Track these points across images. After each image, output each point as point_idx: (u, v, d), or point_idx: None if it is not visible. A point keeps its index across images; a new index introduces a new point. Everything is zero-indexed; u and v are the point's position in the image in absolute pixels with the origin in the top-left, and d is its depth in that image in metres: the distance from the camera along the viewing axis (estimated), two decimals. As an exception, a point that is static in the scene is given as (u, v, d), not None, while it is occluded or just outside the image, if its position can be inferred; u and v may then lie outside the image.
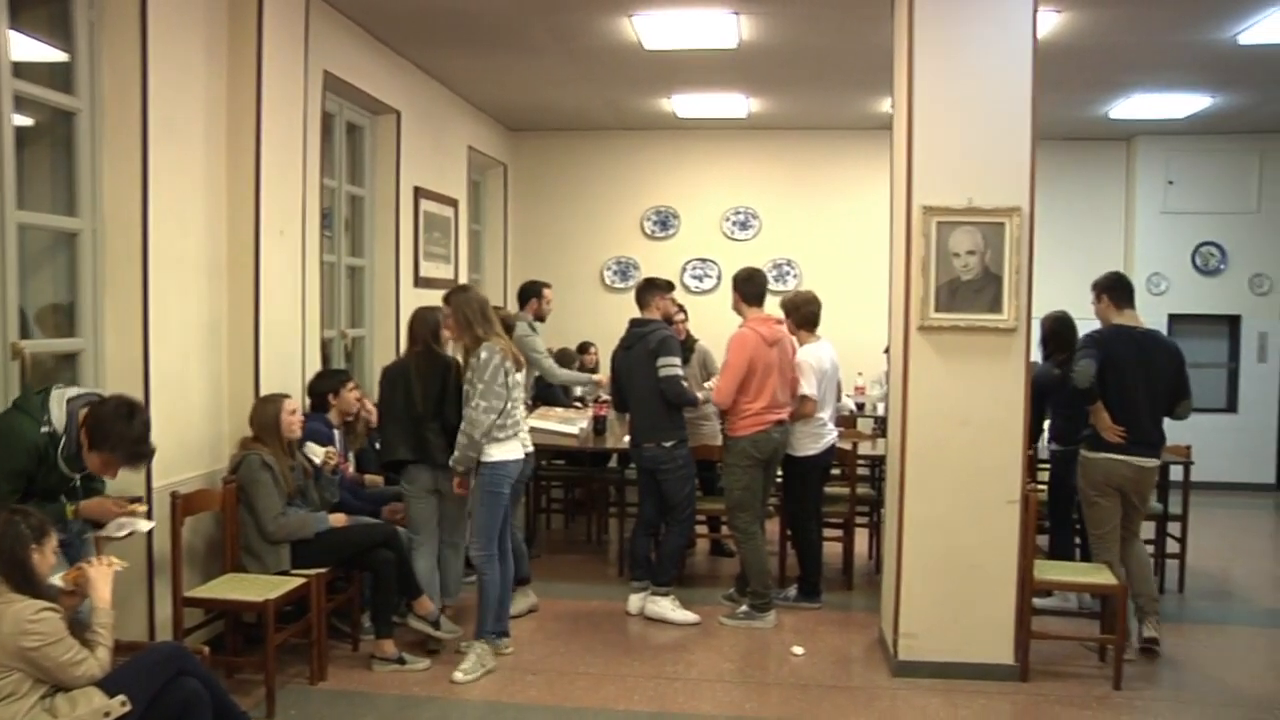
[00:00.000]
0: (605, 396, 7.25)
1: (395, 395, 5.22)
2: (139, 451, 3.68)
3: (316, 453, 5.10)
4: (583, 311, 9.73)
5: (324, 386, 5.60)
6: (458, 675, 4.86)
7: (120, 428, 3.58)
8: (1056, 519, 6.04)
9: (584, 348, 8.67)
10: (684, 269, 10.34)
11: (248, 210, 5.11)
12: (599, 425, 6.98)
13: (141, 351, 4.44)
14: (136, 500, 3.89)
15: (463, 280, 8.72)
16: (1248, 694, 4.91)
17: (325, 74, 6.10)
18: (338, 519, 5.06)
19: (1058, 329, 6.10)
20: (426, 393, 5.16)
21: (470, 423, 4.83)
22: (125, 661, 3.36)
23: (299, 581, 4.65)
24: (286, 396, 4.99)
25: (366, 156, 7.26)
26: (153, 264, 4.46)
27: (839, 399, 6.37)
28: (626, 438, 6.11)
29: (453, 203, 8.53)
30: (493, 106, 9.39)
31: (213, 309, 5.03)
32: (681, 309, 6.75)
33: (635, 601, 5.90)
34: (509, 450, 4.97)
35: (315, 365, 5.94)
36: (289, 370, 5.49)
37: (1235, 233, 10.11)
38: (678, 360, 5.79)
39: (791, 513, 6.23)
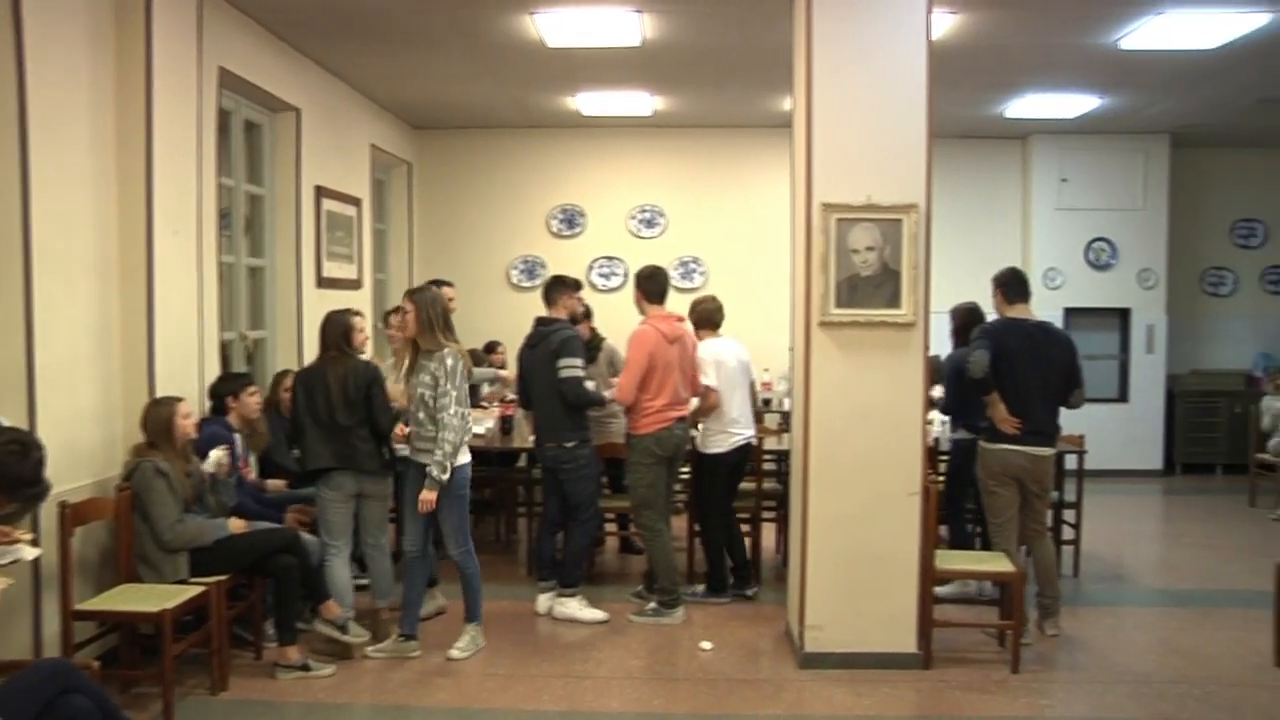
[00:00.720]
0: (512, 396, 7.22)
1: (313, 401, 5.14)
2: (32, 494, 3.42)
3: (211, 459, 4.98)
4: (489, 311, 9.65)
5: (224, 389, 5.48)
6: (454, 652, 5.13)
7: (11, 468, 3.29)
8: (952, 509, 6.18)
9: (491, 347, 8.60)
10: (591, 267, 10.33)
11: (139, 209, 4.97)
12: (506, 425, 6.94)
13: (25, 355, 4.28)
14: (21, 526, 3.71)
15: (366, 279, 8.60)
16: (1135, 671, 5.10)
17: (220, 70, 5.95)
18: (237, 525, 4.93)
19: (970, 320, 6.23)
20: (346, 399, 5.09)
21: (451, 429, 4.92)
22: (4, 681, 3.22)
23: (197, 590, 4.54)
24: (180, 400, 4.86)
25: (266, 155, 7.10)
26: (36, 265, 4.30)
27: (755, 399, 6.40)
28: (532, 437, 6.09)
29: (356, 202, 8.40)
30: (396, 104, 9.27)
31: (103, 311, 4.88)
32: (587, 309, 6.75)
33: (543, 601, 5.89)
34: (466, 453, 5.13)
35: (214, 368, 5.81)
36: (186, 373, 5.35)
37: (1124, 229, 10.47)
38: (579, 361, 5.76)
39: (700, 510, 6.27)
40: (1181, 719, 4.53)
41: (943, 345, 6.42)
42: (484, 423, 6.81)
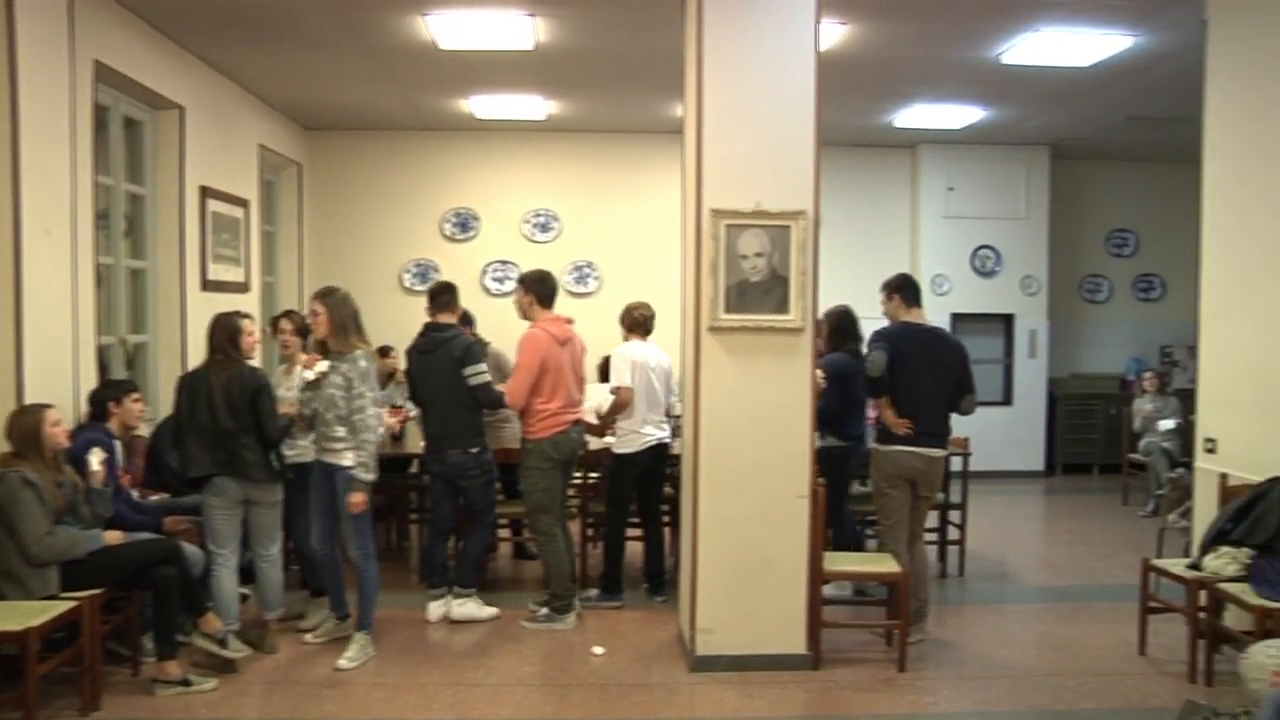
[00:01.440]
0: (401, 401, 7.16)
1: (196, 407, 4.99)
2: None
3: (91, 462, 4.80)
4: (381, 314, 9.37)
5: (106, 395, 5.31)
6: (342, 662, 5.05)
7: None
8: (834, 511, 6.27)
9: (384, 351, 8.45)
10: (484, 271, 10.26)
11: (5, 208, 4.77)
12: (397, 430, 6.83)
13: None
14: None
15: (254, 282, 8.40)
16: (1015, 665, 5.27)
17: (96, 64, 5.74)
18: (113, 536, 4.75)
19: (843, 323, 6.35)
20: (230, 405, 4.97)
21: (371, 430, 5.01)
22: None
23: (67, 606, 4.35)
24: (48, 407, 4.64)
25: (147, 153, 6.87)
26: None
27: (667, 403, 6.40)
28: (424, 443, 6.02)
29: (243, 203, 8.19)
30: (285, 104, 9.08)
31: (-34, 315, 4.67)
32: (467, 314, 6.69)
33: (435, 609, 5.82)
34: None
35: (90, 374, 5.59)
36: (58, 379, 5.16)
37: (1008, 237, 10.81)
38: (485, 366, 5.78)
39: (607, 510, 6.28)
40: (1055, 710, 4.68)
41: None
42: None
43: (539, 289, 5.87)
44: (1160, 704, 4.65)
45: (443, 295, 5.96)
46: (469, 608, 5.83)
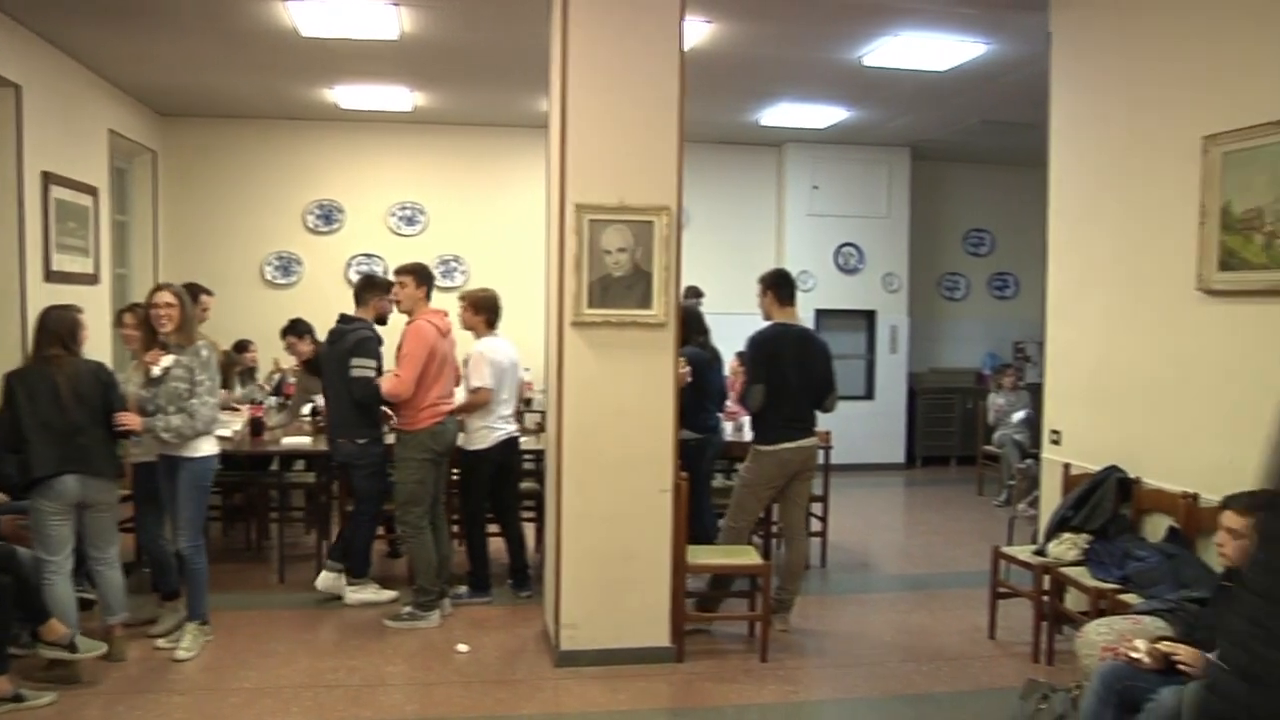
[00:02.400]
0: (259, 398, 7.03)
1: (39, 405, 4.72)
2: None
3: None
4: (241, 309, 9.20)
5: None
6: (180, 653, 5.08)
7: None
8: (694, 504, 6.34)
9: (242, 346, 8.21)
10: (349, 264, 10.05)
11: None
12: (256, 427, 6.64)
13: None
14: None
15: (104, 274, 8.05)
16: (874, 653, 5.41)
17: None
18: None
19: (685, 319, 6.41)
20: (79, 398, 4.75)
21: (195, 415, 4.96)
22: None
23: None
24: None
25: (-19, 136, 6.53)
26: None
27: (520, 396, 6.43)
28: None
29: (91, 190, 7.84)
30: (138, 88, 8.71)
31: None
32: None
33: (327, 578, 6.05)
34: (214, 445, 5.20)
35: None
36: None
37: (870, 235, 11.08)
38: (372, 362, 5.79)
39: (464, 508, 6.26)
40: (909, 694, 4.85)
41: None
42: (233, 425, 6.51)
43: (428, 281, 5.92)
44: (1006, 684, 4.84)
45: (361, 291, 6.11)
46: (365, 593, 6.01)
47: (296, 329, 7.33)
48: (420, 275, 5.91)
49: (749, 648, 5.39)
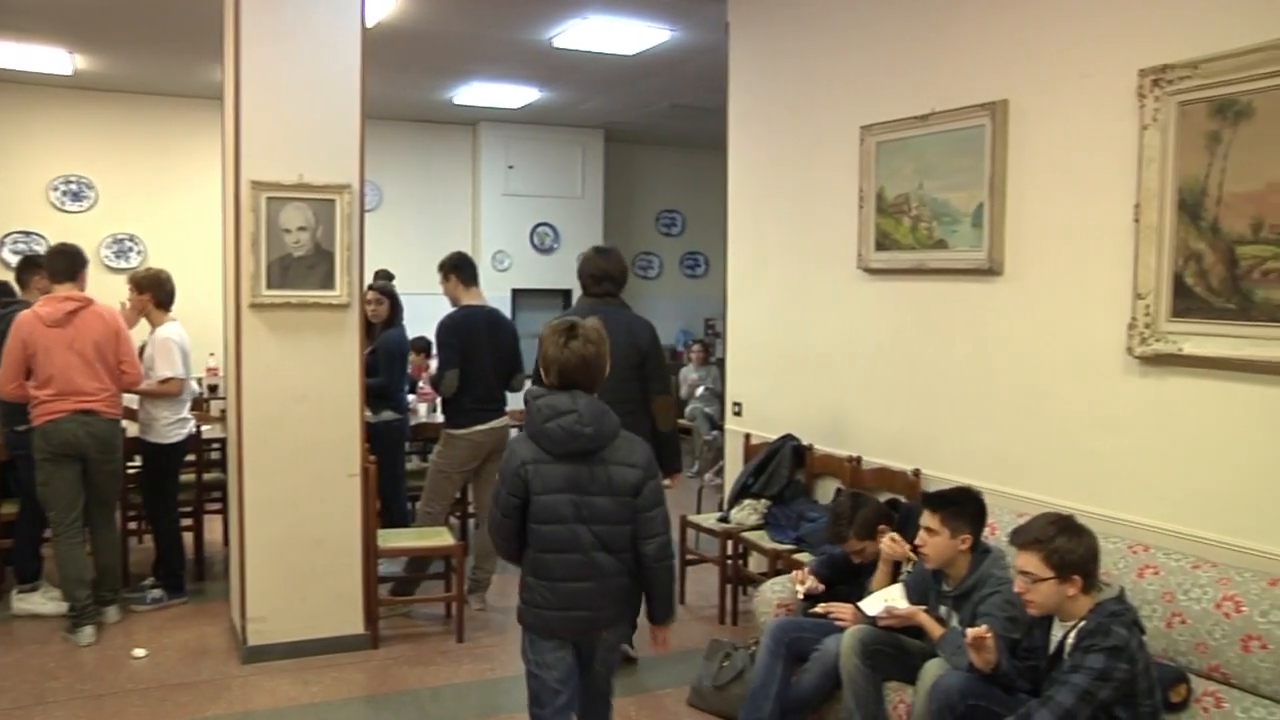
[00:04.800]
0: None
1: None
2: None
3: None
4: None
5: None
6: None
7: None
8: (386, 488, 6.26)
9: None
10: (2, 243, 9.12)
11: None
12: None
13: None
14: None
15: None
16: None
17: None
18: None
19: (397, 301, 6.33)
20: None
21: None
22: None
23: None
24: None
25: None
26: None
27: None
28: None
29: None
30: None
31: None
32: None
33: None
34: None
35: None
36: None
37: (566, 215, 11.26)
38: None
39: (152, 505, 5.82)
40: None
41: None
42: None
43: (50, 265, 5.34)
44: (693, 646, 5.06)
45: (20, 272, 5.70)
46: (31, 601, 5.48)
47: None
48: (40, 261, 5.49)
49: (446, 629, 5.37)
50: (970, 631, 3.10)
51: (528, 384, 5.64)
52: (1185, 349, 3.49)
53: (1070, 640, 2.94)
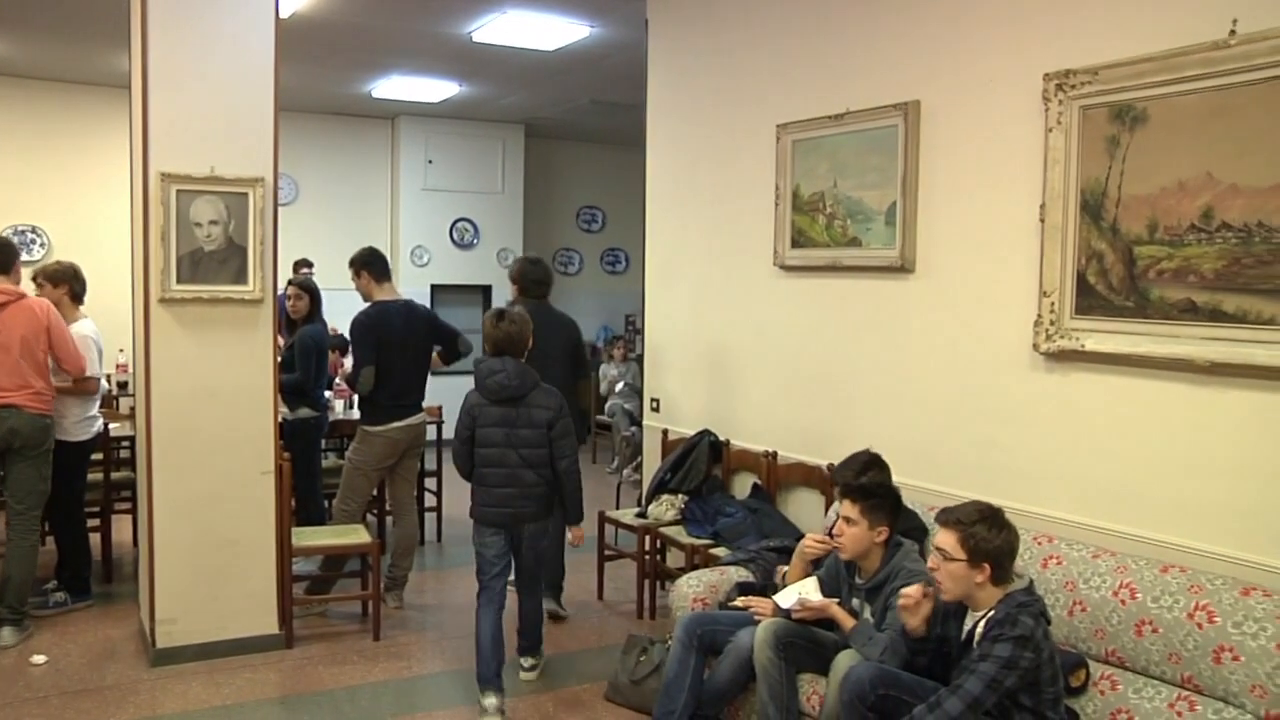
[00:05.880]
0: None
1: None
2: None
3: None
4: None
5: None
6: None
7: None
8: (302, 485, 6.18)
9: None
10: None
11: None
12: None
13: None
14: None
15: None
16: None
17: None
18: None
19: (316, 296, 6.24)
20: None
21: None
22: None
23: None
24: None
25: None
26: None
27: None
28: None
29: None
30: None
31: None
32: None
33: None
34: None
35: None
36: None
37: (485, 211, 11.18)
38: None
39: (56, 505, 5.57)
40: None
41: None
42: None
43: None
44: (612, 641, 5.10)
45: None
46: None
47: None
48: None
49: (363, 628, 5.32)
50: (904, 591, 3.20)
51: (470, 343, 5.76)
52: (1088, 345, 3.61)
53: (979, 630, 3.02)
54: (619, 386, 9.83)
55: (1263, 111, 3.08)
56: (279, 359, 5.19)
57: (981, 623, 3.02)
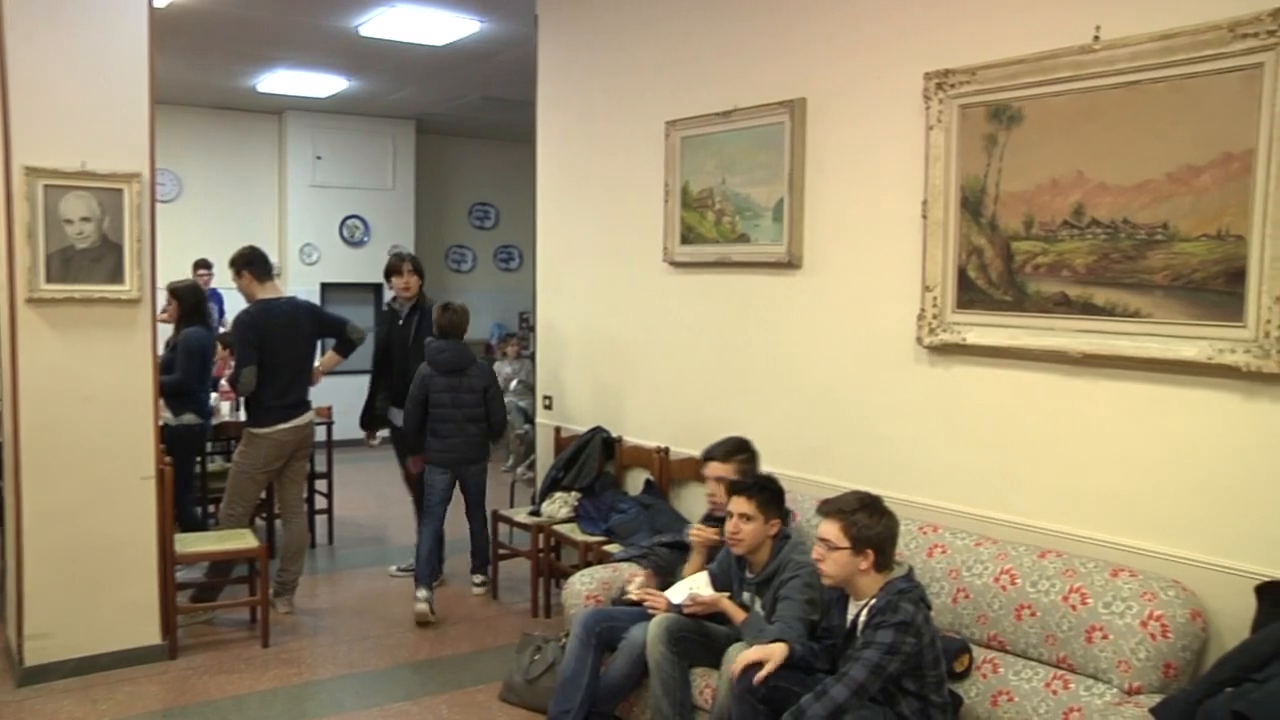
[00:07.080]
0: None
1: None
2: None
3: None
4: None
5: None
6: None
7: None
8: (187, 490, 6.01)
9: None
10: None
11: None
12: None
13: None
14: None
15: None
16: (382, 625, 5.41)
17: None
18: None
19: (198, 298, 6.05)
20: None
21: None
22: None
23: None
24: None
25: None
26: None
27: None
28: None
29: None
30: None
31: None
32: None
33: None
34: None
35: None
36: None
37: (376, 208, 11.00)
38: None
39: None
40: (417, 660, 4.93)
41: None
42: None
43: None
44: (507, 641, 5.08)
45: None
46: None
47: None
48: None
49: (251, 634, 5.19)
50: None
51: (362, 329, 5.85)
52: (969, 339, 3.70)
53: (863, 618, 3.08)
54: (513, 384, 9.76)
55: (1126, 114, 3.20)
56: (160, 361, 5.02)
57: (864, 611, 3.08)
